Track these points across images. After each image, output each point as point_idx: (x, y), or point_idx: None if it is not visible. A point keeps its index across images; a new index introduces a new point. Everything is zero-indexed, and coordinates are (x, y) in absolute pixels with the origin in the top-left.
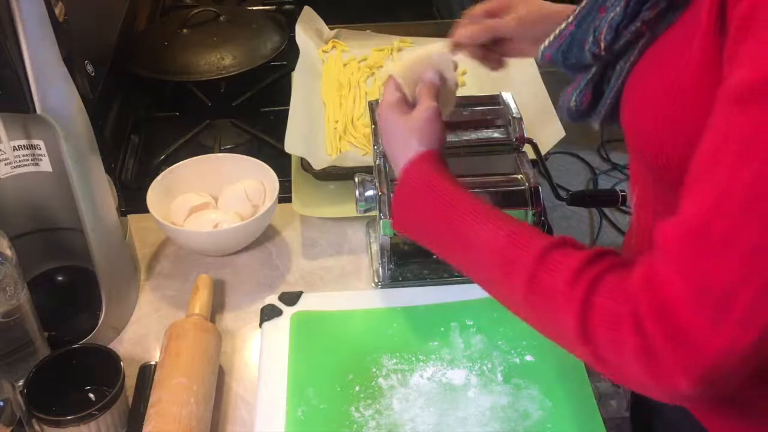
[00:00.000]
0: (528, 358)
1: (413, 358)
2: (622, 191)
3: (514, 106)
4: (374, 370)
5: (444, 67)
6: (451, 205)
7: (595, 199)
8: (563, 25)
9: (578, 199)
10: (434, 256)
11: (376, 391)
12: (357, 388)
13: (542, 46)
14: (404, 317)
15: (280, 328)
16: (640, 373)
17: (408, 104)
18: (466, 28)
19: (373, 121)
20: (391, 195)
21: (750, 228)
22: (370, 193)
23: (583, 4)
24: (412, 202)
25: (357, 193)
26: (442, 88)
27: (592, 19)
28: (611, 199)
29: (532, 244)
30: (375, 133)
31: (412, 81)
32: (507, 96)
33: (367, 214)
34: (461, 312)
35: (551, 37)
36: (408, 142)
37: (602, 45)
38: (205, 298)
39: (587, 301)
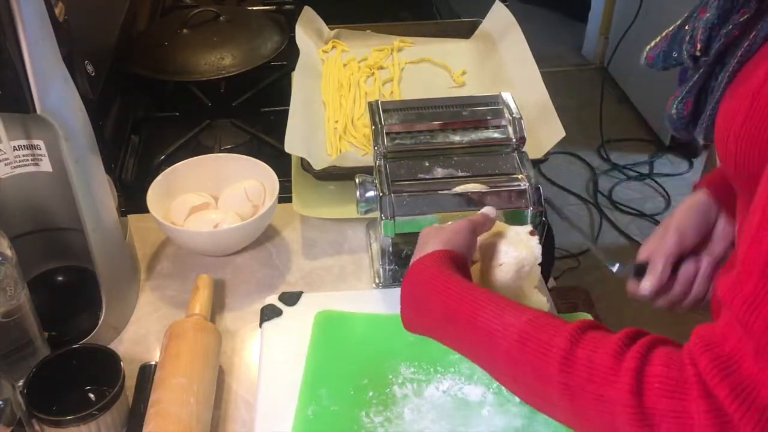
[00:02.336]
0: None
1: (431, 369)
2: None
3: (514, 106)
4: (390, 377)
5: (514, 241)
6: (468, 298)
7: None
8: (670, 28)
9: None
10: None
11: (389, 399)
12: (370, 394)
13: (647, 48)
14: None
15: (281, 328)
16: None
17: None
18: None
19: (374, 122)
20: (392, 196)
21: None
22: (371, 194)
23: (692, 8)
24: (421, 297)
25: (358, 194)
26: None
27: (693, 20)
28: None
29: (562, 326)
30: (375, 133)
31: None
32: (507, 96)
33: (368, 216)
34: None
35: (657, 38)
36: (429, 242)
37: (698, 45)
38: (205, 297)
39: (641, 371)
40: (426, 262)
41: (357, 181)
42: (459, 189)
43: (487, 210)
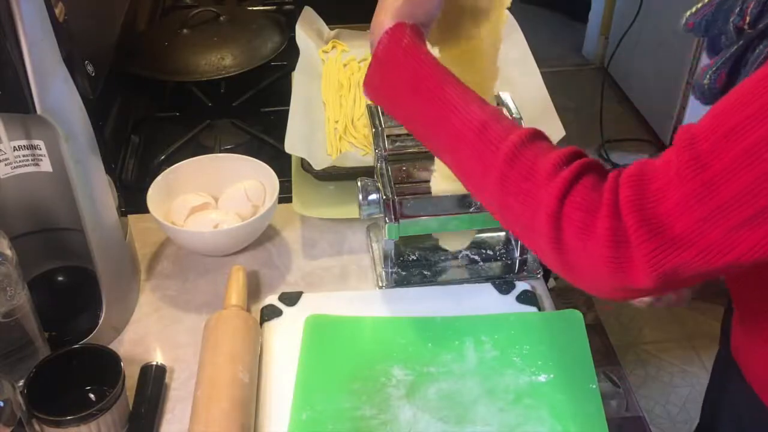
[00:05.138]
0: (542, 378)
1: (424, 371)
2: None
3: (514, 106)
4: (384, 379)
5: None
6: (440, 71)
7: None
8: None
9: None
10: (437, 259)
11: (383, 401)
12: (364, 397)
13: (687, 13)
14: (419, 328)
15: (281, 328)
16: (600, 261)
17: None
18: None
19: (374, 125)
20: (395, 199)
21: (753, 132)
22: (373, 197)
23: None
24: (398, 60)
25: (360, 197)
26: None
27: None
28: None
29: (517, 128)
30: (375, 136)
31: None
32: (506, 96)
33: (371, 219)
34: (477, 327)
35: (699, 4)
36: (392, 8)
37: (747, 18)
38: (240, 287)
39: (571, 184)
40: (403, 31)
41: (359, 184)
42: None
43: None
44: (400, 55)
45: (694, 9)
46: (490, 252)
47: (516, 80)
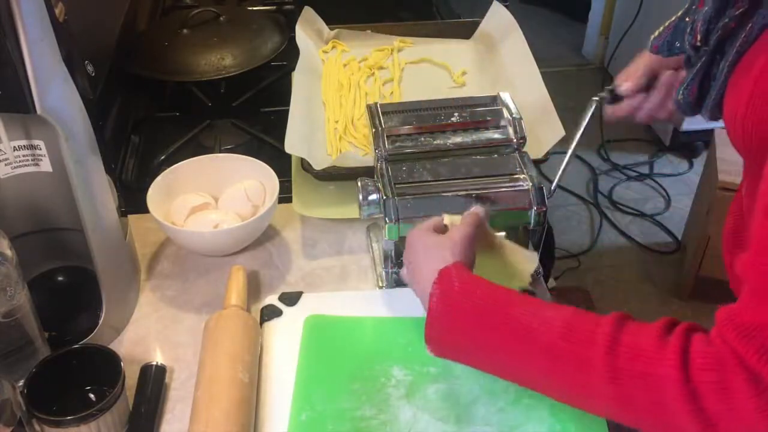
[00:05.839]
0: None
1: (424, 371)
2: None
3: (514, 106)
4: (383, 379)
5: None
6: (501, 299)
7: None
8: (672, 18)
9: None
10: None
11: (383, 402)
12: (364, 397)
13: (652, 37)
14: (419, 328)
15: (281, 328)
16: (753, 415)
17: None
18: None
19: (374, 125)
20: (395, 199)
21: None
22: (373, 197)
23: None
24: (456, 306)
25: (360, 197)
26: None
27: (693, 12)
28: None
29: (601, 317)
30: (375, 136)
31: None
32: (506, 96)
33: (371, 219)
34: None
35: (661, 28)
36: (441, 254)
37: (697, 36)
38: (240, 287)
39: (685, 349)
40: (450, 276)
41: (359, 184)
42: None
43: (478, 209)
44: (457, 301)
45: (657, 33)
46: None
47: (516, 80)
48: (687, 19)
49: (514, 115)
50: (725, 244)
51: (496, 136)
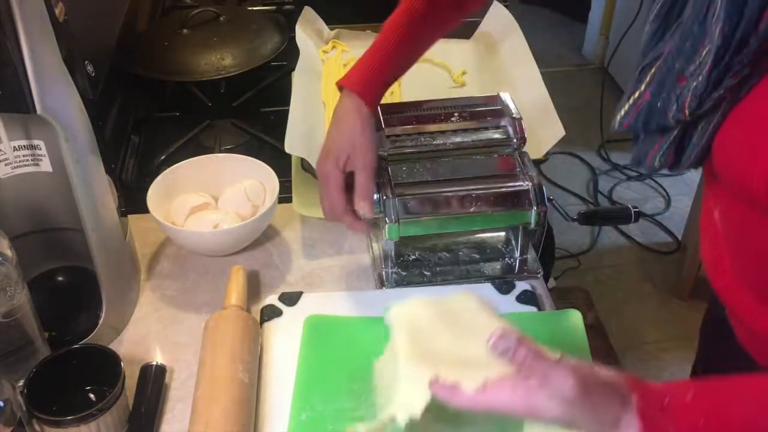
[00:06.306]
0: None
1: None
2: (635, 208)
3: (514, 106)
4: None
5: None
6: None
7: (608, 219)
8: (636, 95)
9: (589, 218)
10: (437, 259)
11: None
12: (363, 397)
13: (618, 116)
14: None
15: (281, 328)
16: None
17: None
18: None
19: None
20: (396, 199)
21: None
22: (373, 197)
23: (652, 71)
24: None
25: None
26: None
27: (671, 87)
28: (624, 217)
29: None
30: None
31: None
32: (506, 96)
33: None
34: None
35: (626, 105)
36: (618, 397)
37: (687, 112)
38: (240, 287)
39: None
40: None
41: None
42: None
43: None
44: None
45: (623, 112)
46: (490, 252)
47: (516, 80)
48: (662, 95)
49: (514, 115)
50: (709, 270)
51: (496, 136)
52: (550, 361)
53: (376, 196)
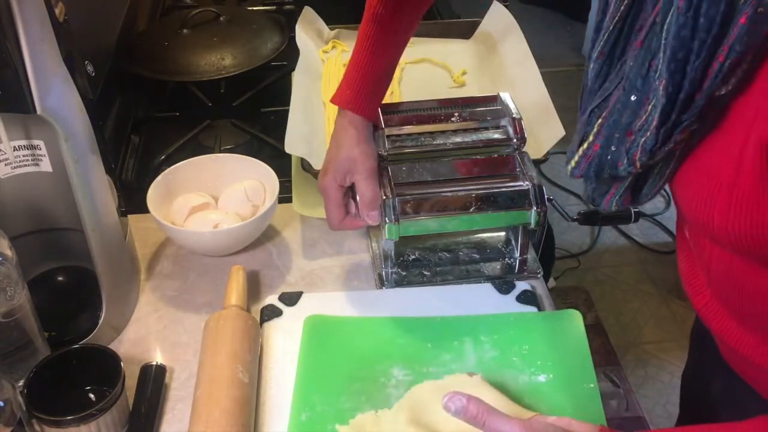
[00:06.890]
0: (541, 378)
1: (424, 371)
2: (635, 208)
3: (514, 106)
4: (383, 380)
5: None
6: None
7: (608, 219)
8: (585, 145)
9: (589, 218)
10: (437, 259)
11: (382, 402)
12: (363, 397)
13: (569, 166)
14: (418, 328)
15: (281, 328)
16: None
17: None
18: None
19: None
20: (396, 199)
21: None
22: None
23: (599, 121)
24: None
25: None
26: None
27: (620, 140)
28: (624, 217)
29: None
30: (375, 136)
31: None
32: (506, 96)
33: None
34: (477, 327)
35: (576, 156)
36: None
37: (638, 165)
38: (240, 287)
39: None
40: None
41: None
42: None
43: None
44: None
45: (573, 163)
46: (490, 252)
47: (516, 80)
48: (612, 148)
49: (514, 115)
50: (687, 285)
51: (496, 136)
52: (505, 417)
53: None
